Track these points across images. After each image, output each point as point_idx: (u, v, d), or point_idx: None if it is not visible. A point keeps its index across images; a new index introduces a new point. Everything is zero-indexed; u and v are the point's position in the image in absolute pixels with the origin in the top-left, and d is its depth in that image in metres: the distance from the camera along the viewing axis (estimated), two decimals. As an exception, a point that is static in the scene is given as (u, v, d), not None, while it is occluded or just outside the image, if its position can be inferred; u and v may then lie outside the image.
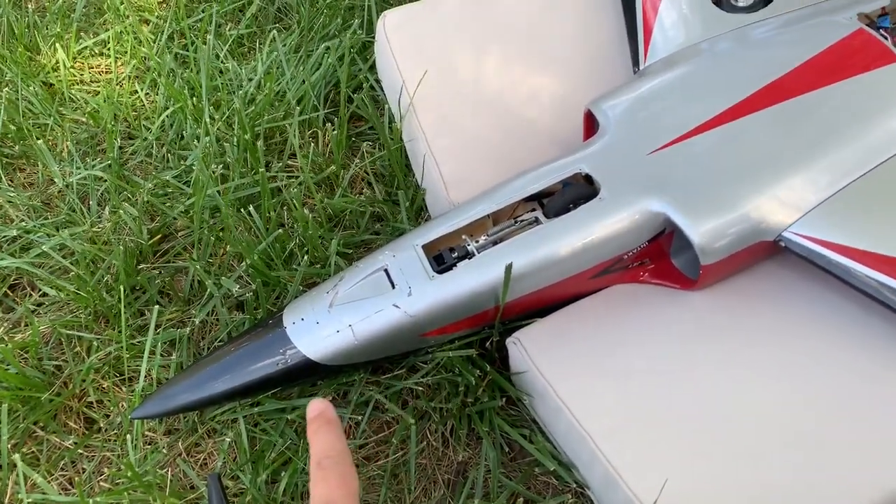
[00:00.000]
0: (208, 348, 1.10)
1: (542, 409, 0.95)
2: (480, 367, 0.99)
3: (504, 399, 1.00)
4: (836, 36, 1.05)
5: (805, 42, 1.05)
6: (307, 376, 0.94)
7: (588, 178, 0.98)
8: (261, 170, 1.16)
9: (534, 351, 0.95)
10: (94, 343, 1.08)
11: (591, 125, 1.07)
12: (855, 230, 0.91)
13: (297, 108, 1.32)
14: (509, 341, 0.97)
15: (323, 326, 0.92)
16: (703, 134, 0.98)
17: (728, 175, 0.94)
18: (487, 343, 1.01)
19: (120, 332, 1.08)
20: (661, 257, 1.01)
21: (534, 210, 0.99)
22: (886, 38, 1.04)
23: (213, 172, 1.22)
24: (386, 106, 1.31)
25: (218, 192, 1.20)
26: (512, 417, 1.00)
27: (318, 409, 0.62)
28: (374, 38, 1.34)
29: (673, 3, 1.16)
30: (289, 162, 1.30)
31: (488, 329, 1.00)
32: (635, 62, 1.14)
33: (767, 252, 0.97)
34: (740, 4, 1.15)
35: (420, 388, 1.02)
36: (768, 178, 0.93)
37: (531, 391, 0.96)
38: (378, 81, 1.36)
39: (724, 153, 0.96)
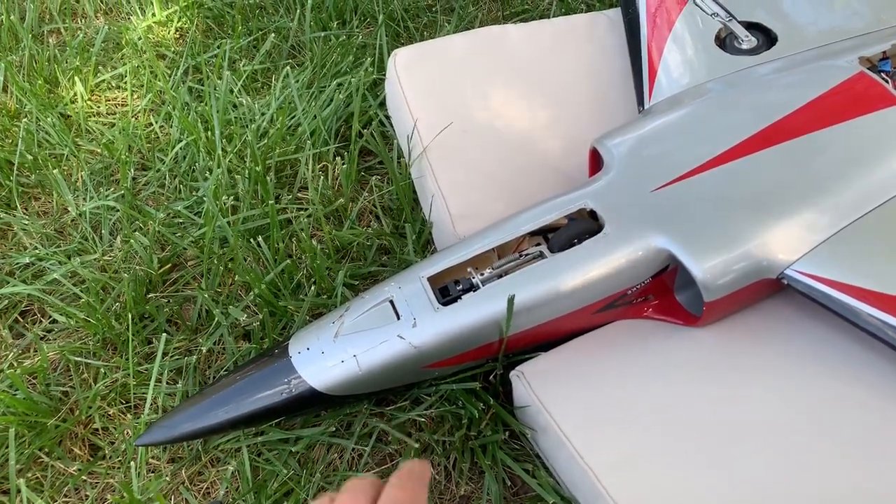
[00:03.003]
0: (214, 377, 1.10)
1: (544, 443, 0.95)
2: (484, 400, 1.00)
3: (507, 433, 1.00)
4: (837, 79, 1.07)
5: (807, 84, 1.07)
6: (312, 406, 0.95)
7: (593, 214, 0.99)
8: (270, 202, 1.18)
9: (537, 385, 0.95)
10: (102, 370, 1.09)
11: (596, 162, 1.09)
12: (858, 269, 0.92)
13: (309, 142, 1.34)
14: (513, 374, 0.98)
15: (328, 356, 0.92)
16: (707, 172, 0.99)
17: (731, 213, 0.95)
18: (491, 376, 1.01)
19: (127, 359, 1.09)
20: (665, 293, 1.02)
21: (539, 244, 1.00)
22: (887, 82, 1.06)
23: (224, 204, 1.24)
24: (395, 141, 1.33)
25: (228, 223, 1.22)
26: (515, 451, 1.00)
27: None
28: (384, 75, 1.37)
29: (677, 45, 1.19)
30: (298, 194, 1.32)
31: (492, 362, 1.00)
32: (640, 102, 1.16)
33: (770, 289, 0.97)
34: (744, 47, 1.17)
35: (423, 421, 1.02)
36: (771, 216, 0.95)
37: (534, 425, 0.96)
38: (388, 117, 1.39)
39: (727, 191, 0.97)
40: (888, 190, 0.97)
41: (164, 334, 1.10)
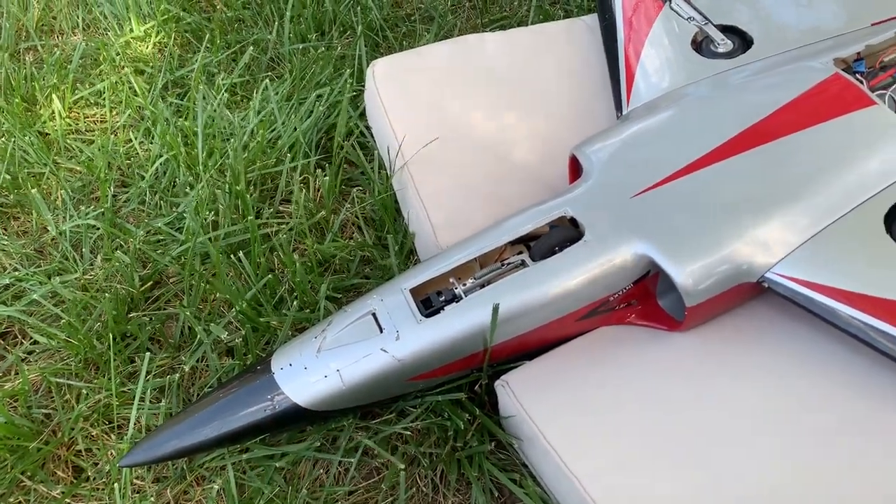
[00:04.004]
0: (198, 394, 1.09)
1: (531, 452, 0.95)
2: (470, 411, 0.99)
3: (493, 443, 0.99)
4: (813, 80, 1.07)
5: (783, 87, 1.07)
6: (296, 422, 0.94)
7: (573, 221, 0.99)
8: (250, 217, 1.17)
9: (522, 394, 0.95)
10: (84, 391, 1.08)
11: (576, 169, 1.09)
12: (837, 270, 0.92)
13: (289, 154, 1.34)
14: (497, 384, 0.97)
15: (311, 372, 0.92)
16: (686, 177, 1.00)
17: (711, 217, 0.96)
18: (476, 386, 1.01)
19: (110, 379, 1.08)
20: (648, 299, 1.02)
21: (520, 253, 1.00)
22: (862, 83, 1.07)
23: (205, 219, 1.23)
24: (375, 152, 1.33)
25: (209, 238, 1.21)
26: (502, 461, 1.00)
27: None
28: (364, 86, 1.37)
29: (654, 50, 1.19)
30: (280, 208, 1.31)
31: (477, 372, 1.00)
32: (618, 107, 1.16)
33: (752, 293, 0.98)
34: (720, 50, 1.18)
35: (409, 433, 1.01)
36: (750, 219, 0.95)
37: (520, 434, 0.95)
38: (368, 128, 1.39)
39: (706, 196, 0.98)
40: (865, 190, 0.98)
41: (147, 353, 1.09)
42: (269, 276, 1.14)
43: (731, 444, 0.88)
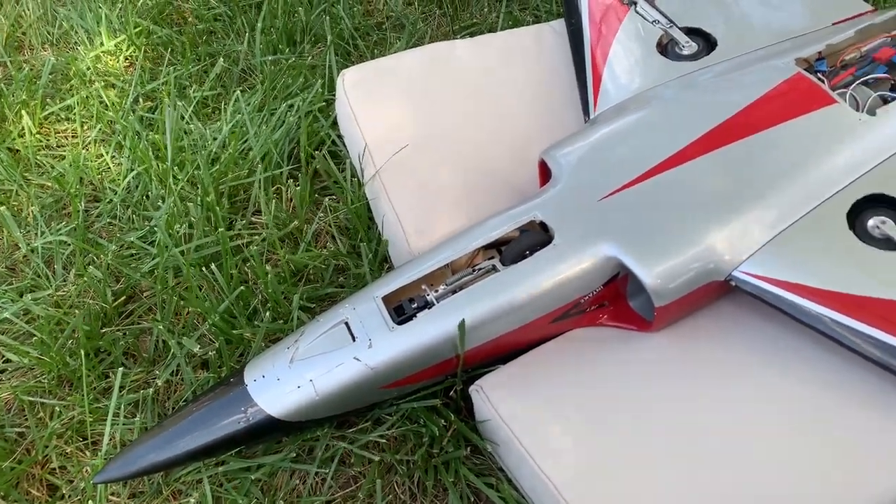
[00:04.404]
0: (173, 408, 1.09)
1: (506, 456, 0.96)
2: (445, 417, 1.00)
3: (469, 448, 1.00)
4: (775, 80, 1.09)
5: (746, 87, 1.09)
6: (271, 433, 0.94)
7: (543, 225, 1.00)
8: (220, 229, 1.17)
9: (496, 398, 0.95)
10: (57, 408, 1.08)
11: (545, 173, 1.10)
12: (803, 267, 0.93)
13: (261, 165, 1.34)
14: (472, 389, 0.98)
15: (284, 383, 0.92)
16: (653, 178, 1.01)
17: (678, 218, 0.97)
18: (451, 391, 1.01)
19: (83, 395, 1.07)
20: (619, 300, 1.03)
21: (492, 258, 1.01)
22: (823, 82, 1.08)
23: (177, 232, 1.23)
24: (347, 160, 1.33)
25: (181, 252, 1.21)
26: (478, 466, 1.00)
27: None
28: (335, 95, 1.37)
29: (620, 53, 1.20)
30: (252, 219, 1.31)
31: (451, 378, 1.00)
32: (585, 111, 1.17)
33: (720, 291, 0.99)
34: (685, 53, 1.19)
35: (385, 441, 1.01)
36: (716, 219, 0.96)
37: (495, 439, 0.96)
38: (340, 137, 1.39)
39: (673, 197, 0.99)
40: (828, 188, 0.99)
41: (121, 368, 1.09)
42: (242, 287, 1.14)
43: (708, 443, 0.89)
